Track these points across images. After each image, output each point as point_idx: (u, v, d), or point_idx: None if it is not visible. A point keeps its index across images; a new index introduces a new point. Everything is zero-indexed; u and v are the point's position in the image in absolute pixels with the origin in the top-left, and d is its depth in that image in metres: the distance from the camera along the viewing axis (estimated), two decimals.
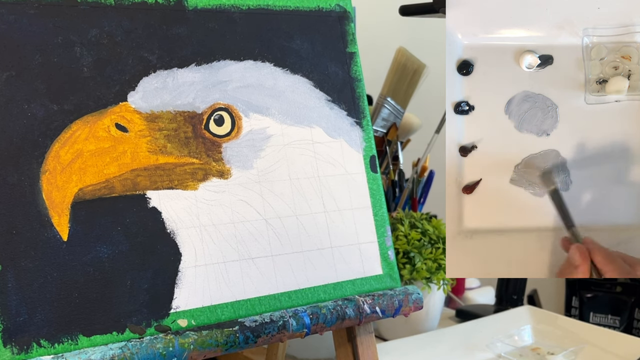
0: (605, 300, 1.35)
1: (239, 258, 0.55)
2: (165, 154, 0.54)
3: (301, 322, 0.54)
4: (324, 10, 0.64)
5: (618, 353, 0.83)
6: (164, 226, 0.52)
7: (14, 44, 0.49)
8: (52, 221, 0.48)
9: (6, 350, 0.45)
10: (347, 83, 0.64)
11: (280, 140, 0.59)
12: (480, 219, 0.55)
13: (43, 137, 0.49)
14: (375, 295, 0.59)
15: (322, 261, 0.59)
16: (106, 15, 0.53)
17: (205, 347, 0.50)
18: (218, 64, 0.57)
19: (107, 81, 0.52)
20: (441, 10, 0.90)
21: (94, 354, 0.46)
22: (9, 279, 0.46)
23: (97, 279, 0.49)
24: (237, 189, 0.56)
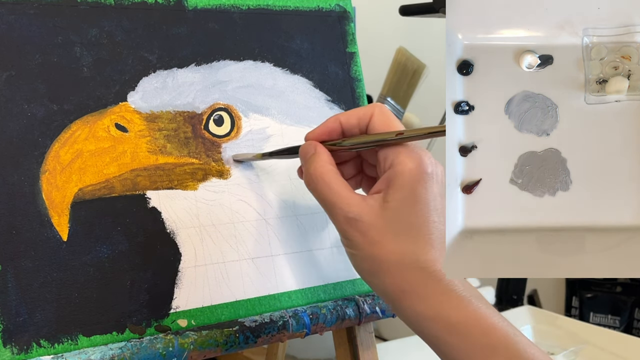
0: (605, 300, 1.35)
1: (239, 258, 0.55)
2: (165, 154, 0.54)
3: (301, 322, 0.54)
4: (324, 10, 0.64)
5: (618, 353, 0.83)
6: (164, 226, 0.52)
7: (14, 44, 0.49)
8: (52, 221, 0.48)
9: (6, 350, 0.45)
10: (347, 83, 0.64)
11: (280, 140, 0.59)
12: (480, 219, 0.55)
13: (43, 137, 0.49)
14: (375, 295, 0.59)
15: (322, 261, 0.59)
16: (106, 15, 0.53)
17: (205, 347, 0.50)
18: (218, 64, 0.57)
19: (107, 81, 0.52)
20: (441, 10, 0.90)
21: (94, 354, 0.46)
22: (9, 279, 0.46)
23: (97, 279, 0.49)
24: (237, 189, 0.56)
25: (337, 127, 0.50)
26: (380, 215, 0.46)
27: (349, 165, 0.53)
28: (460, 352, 0.44)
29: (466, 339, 0.44)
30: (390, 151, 0.47)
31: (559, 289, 1.47)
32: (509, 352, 0.43)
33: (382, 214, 0.46)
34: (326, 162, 0.49)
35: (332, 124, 0.50)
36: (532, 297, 1.31)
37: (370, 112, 0.49)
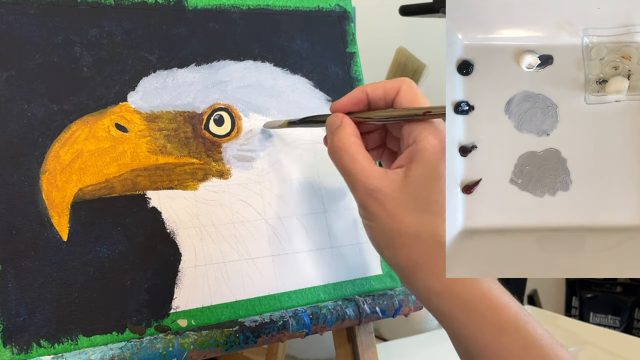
0: (605, 300, 1.35)
1: (239, 258, 0.55)
2: (165, 154, 0.54)
3: (301, 322, 0.54)
4: (324, 10, 0.64)
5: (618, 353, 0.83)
6: (164, 226, 0.52)
7: (14, 44, 0.49)
8: (52, 221, 0.48)
9: (6, 350, 0.45)
10: (347, 83, 0.64)
11: (280, 140, 0.59)
12: (480, 219, 0.55)
13: (43, 137, 0.49)
14: (375, 295, 0.59)
15: (322, 261, 0.59)
16: (106, 15, 0.53)
17: (205, 347, 0.50)
18: (218, 64, 0.57)
19: (107, 81, 0.52)
20: (441, 10, 0.90)
21: (94, 354, 0.46)
22: (9, 279, 0.46)
23: (97, 279, 0.49)
24: (237, 189, 0.56)
25: (363, 97, 0.50)
26: (401, 189, 0.46)
27: (373, 135, 0.53)
28: (469, 329, 0.44)
29: (476, 316, 0.44)
30: (415, 127, 0.47)
31: (559, 289, 1.47)
32: (518, 332, 0.43)
33: (402, 187, 0.46)
34: (351, 134, 0.49)
35: (358, 95, 0.50)
36: (532, 297, 1.31)
37: (398, 85, 0.49)
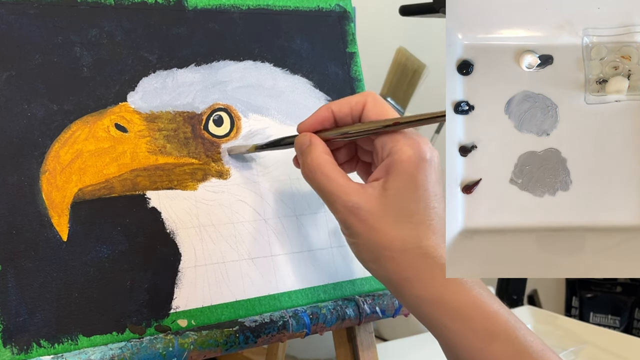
0: (605, 300, 1.35)
1: (239, 258, 0.55)
2: (164, 154, 0.54)
3: (301, 322, 0.54)
4: (324, 10, 0.64)
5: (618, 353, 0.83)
6: (164, 226, 0.52)
7: (14, 44, 0.49)
8: (52, 221, 0.48)
9: (6, 351, 0.45)
10: (347, 83, 0.64)
11: None
12: (480, 219, 0.55)
13: (43, 137, 0.49)
14: (375, 295, 0.59)
15: (322, 261, 0.59)
16: (106, 15, 0.53)
17: (205, 347, 0.50)
18: (217, 64, 0.57)
19: (107, 81, 0.52)
20: (441, 10, 0.90)
21: (94, 354, 0.46)
22: (9, 279, 0.46)
23: (97, 279, 0.49)
24: (237, 189, 0.56)
25: (329, 116, 0.50)
26: (380, 202, 0.46)
27: (343, 150, 0.53)
28: (460, 337, 0.44)
29: (466, 324, 0.44)
30: (388, 139, 0.47)
31: (559, 289, 1.47)
32: (508, 339, 0.43)
33: (382, 201, 0.46)
34: (322, 152, 0.49)
35: (324, 113, 0.50)
36: (532, 297, 1.31)
37: (363, 100, 0.49)
